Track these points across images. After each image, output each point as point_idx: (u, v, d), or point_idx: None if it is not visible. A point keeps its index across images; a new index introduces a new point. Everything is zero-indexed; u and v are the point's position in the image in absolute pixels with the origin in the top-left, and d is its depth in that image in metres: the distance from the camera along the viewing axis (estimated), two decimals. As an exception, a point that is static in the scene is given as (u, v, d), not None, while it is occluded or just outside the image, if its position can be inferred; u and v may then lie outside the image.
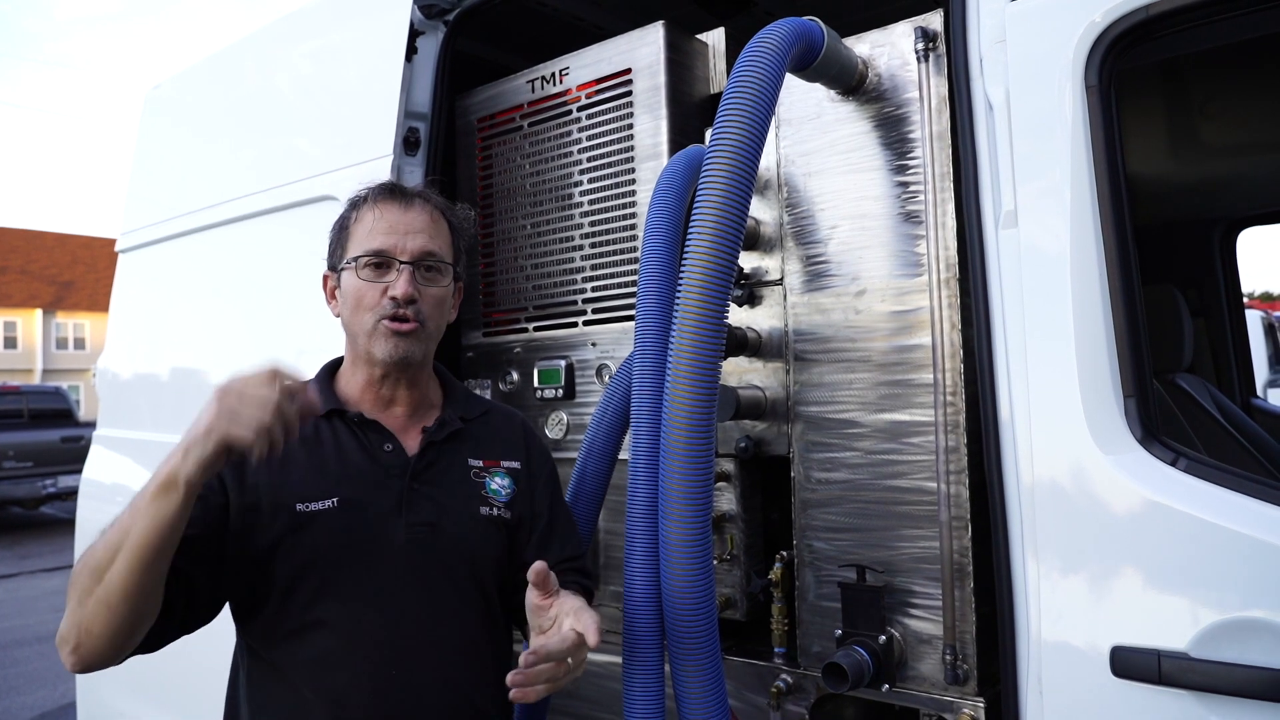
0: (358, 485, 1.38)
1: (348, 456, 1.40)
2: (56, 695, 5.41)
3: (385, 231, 1.41)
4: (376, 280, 1.40)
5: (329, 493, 1.35)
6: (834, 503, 1.67)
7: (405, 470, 1.41)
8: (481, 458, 1.50)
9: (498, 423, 1.58)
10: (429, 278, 1.43)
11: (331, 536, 1.34)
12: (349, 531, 1.35)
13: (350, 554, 1.34)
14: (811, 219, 1.72)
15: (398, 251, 1.41)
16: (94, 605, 1.15)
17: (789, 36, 1.43)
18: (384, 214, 1.43)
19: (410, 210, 1.44)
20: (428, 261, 1.43)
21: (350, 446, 1.41)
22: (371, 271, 1.41)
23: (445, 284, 1.47)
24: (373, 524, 1.36)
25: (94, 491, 3.18)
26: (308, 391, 1.32)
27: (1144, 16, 1.25)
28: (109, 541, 1.15)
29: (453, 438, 1.48)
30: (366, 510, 1.37)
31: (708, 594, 1.41)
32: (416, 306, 1.40)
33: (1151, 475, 1.24)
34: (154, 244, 3.04)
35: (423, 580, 1.38)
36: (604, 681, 2.00)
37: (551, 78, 2.15)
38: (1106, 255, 1.30)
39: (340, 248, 1.47)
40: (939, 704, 1.55)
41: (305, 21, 2.66)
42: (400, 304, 1.38)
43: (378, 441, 1.42)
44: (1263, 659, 1.14)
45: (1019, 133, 1.38)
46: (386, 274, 1.41)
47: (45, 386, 14.31)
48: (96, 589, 1.15)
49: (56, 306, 34.81)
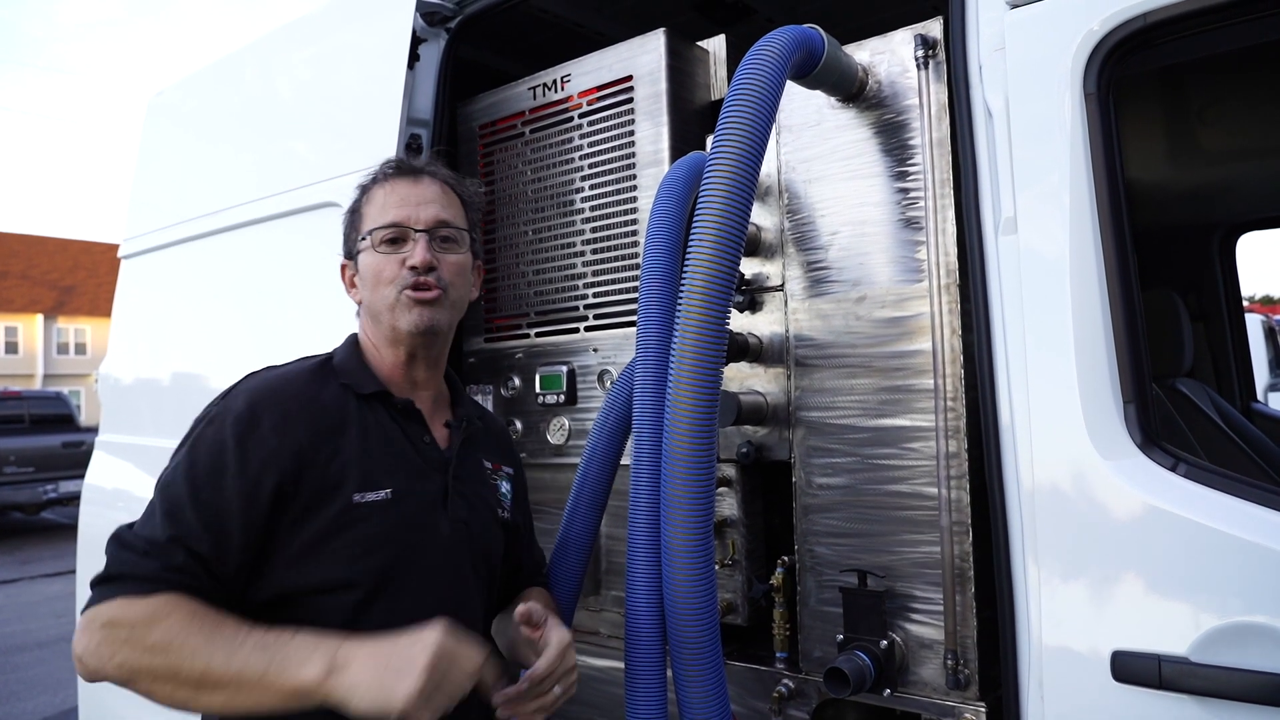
0: (406, 477, 1.37)
1: (395, 446, 1.38)
2: (58, 701, 5.41)
3: (398, 205, 1.41)
4: (394, 253, 1.40)
5: (383, 483, 1.33)
6: (835, 508, 1.67)
7: (445, 466, 1.43)
8: (490, 460, 1.56)
9: (493, 427, 1.64)
10: (446, 246, 1.43)
11: (386, 529, 1.32)
12: (400, 523, 1.33)
13: (403, 549, 1.33)
14: (812, 225, 1.73)
15: (412, 222, 1.41)
16: (162, 689, 1.14)
17: (789, 44, 1.44)
18: (395, 189, 1.43)
19: (420, 183, 1.45)
20: (443, 232, 1.43)
21: (395, 435, 1.39)
22: (388, 245, 1.40)
23: (463, 252, 1.46)
24: (422, 517, 1.37)
25: (97, 497, 3.18)
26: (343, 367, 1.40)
27: (1141, 25, 1.26)
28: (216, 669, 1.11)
29: (471, 437, 1.53)
30: (416, 503, 1.37)
31: (709, 599, 1.41)
32: (437, 274, 1.40)
33: (1151, 480, 1.25)
34: (157, 250, 3.05)
35: (457, 573, 1.41)
36: (606, 687, 2.01)
37: (553, 84, 2.16)
38: (1105, 261, 1.31)
39: (354, 230, 1.47)
40: (940, 709, 1.55)
41: (308, 28, 2.68)
42: (420, 271, 1.38)
43: (417, 432, 1.43)
44: (1263, 663, 1.14)
45: (1018, 140, 1.39)
46: (403, 246, 1.40)
47: (46, 392, 14.31)
48: (173, 688, 1.13)
49: (58, 312, 34.85)
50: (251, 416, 1.28)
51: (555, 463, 2.13)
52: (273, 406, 1.29)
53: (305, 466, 1.27)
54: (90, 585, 1.22)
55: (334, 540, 1.27)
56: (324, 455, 1.29)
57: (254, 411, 1.28)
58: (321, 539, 1.27)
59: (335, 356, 1.46)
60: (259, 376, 1.38)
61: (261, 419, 1.28)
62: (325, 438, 1.30)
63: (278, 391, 1.33)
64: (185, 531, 1.21)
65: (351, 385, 1.39)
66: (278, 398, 1.31)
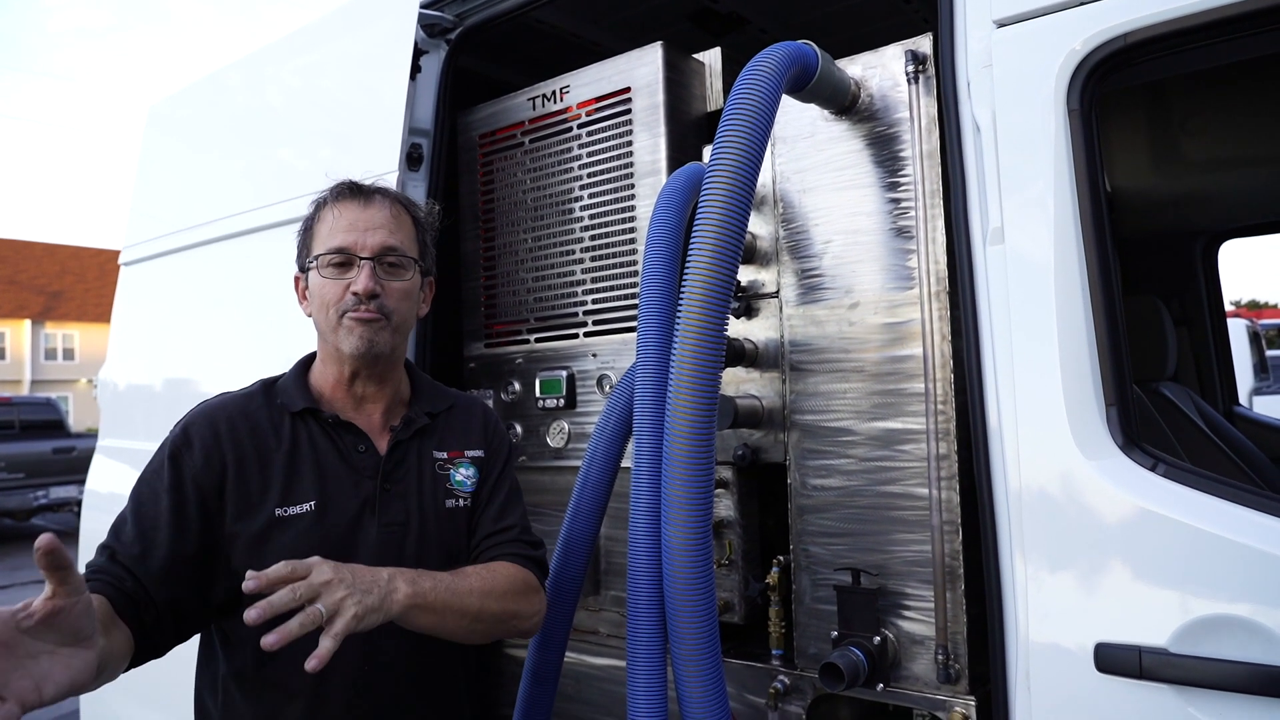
0: (333, 488, 1.43)
1: (323, 459, 1.44)
2: (53, 707, 5.40)
3: (345, 229, 1.44)
4: (339, 278, 1.44)
5: (306, 496, 1.40)
6: (829, 508, 1.72)
7: (376, 471, 1.46)
8: (446, 449, 1.55)
9: (460, 414, 1.61)
10: (391, 272, 1.46)
11: (307, 539, 1.37)
12: (325, 533, 1.39)
13: (325, 555, 1.30)
14: (806, 234, 1.78)
15: (358, 248, 1.44)
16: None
17: (785, 59, 1.49)
18: (343, 212, 1.46)
19: (370, 207, 1.47)
20: (389, 257, 1.46)
21: (325, 448, 1.45)
22: (334, 269, 1.44)
23: (409, 277, 1.49)
24: (348, 525, 1.42)
25: (97, 502, 3.20)
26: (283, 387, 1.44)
27: (1122, 44, 1.32)
28: None
29: (419, 434, 1.53)
30: (341, 513, 1.42)
31: (709, 597, 1.45)
32: (379, 301, 1.43)
33: (1132, 480, 1.30)
34: (157, 257, 3.08)
35: None
36: (607, 685, 2.05)
37: (552, 95, 2.21)
38: (1089, 270, 1.36)
39: (306, 248, 1.51)
40: (932, 703, 1.60)
41: (309, 39, 2.71)
42: (361, 299, 1.41)
43: (351, 443, 1.47)
44: (1238, 654, 1.20)
45: (1005, 152, 1.44)
46: (348, 271, 1.44)
47: (36, 398, 14.23)
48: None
49: (45, 317, 34.61)
50: (185, 440, 1.41)
51: (555, 465, 2.17)
52: (204, 429, 1.41)
53: (229, 482, 1.38)
54: None
55: (262, 548, 1.36)
56: (249, 471, 1.39)
57: (187, 435, 1.41)
58: (251, 548, 1.37)
59: (281, 377, 1.54)
60: (204, 403, 1.49)
61: (193, 441, 1.40)
62: (251, 456, 1.40)
63: (211, 416, 1.44)
64: (119, 543, 1.35)
65: (285, 405, 1.46)
66: (210, 421, 1.43)
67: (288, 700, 1.38)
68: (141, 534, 1.34)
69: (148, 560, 1.32)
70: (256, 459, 1.40)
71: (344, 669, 1.37)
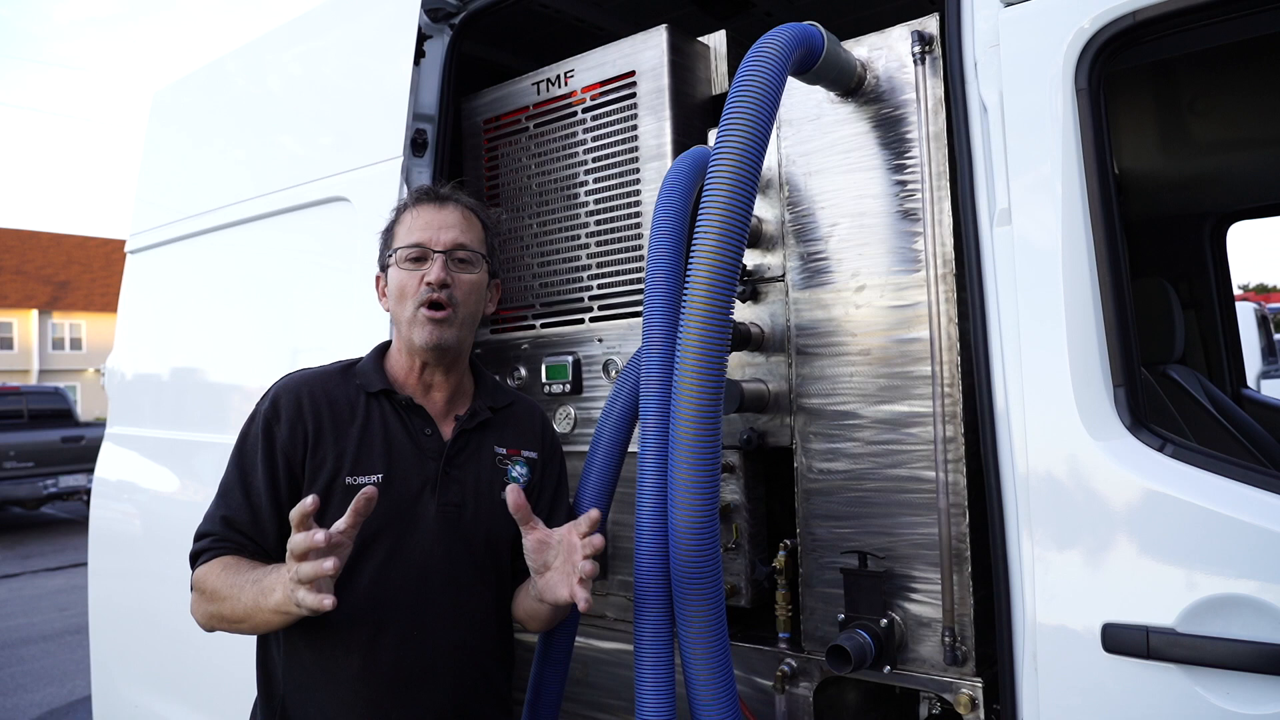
0: (400, 463, 1.55)
1: (393, 437, 1.57)
2: (64, 692, 5.46)
3: (422, 228, 1.59)
4: (415, 270, 1.57)
5: (375, 468, 1.53)
6: (835, 492, 1.72)
7: (440, 454, 1.57)
8: (505, 445, 1.66)
9: (521, 413, 1.74)
10: (462, 267, 1.59)
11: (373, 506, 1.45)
12: (390, 503, 1.50)
13: (388, 523, 1.51)
14: (812, 217, 1.77)
15: (432, 244, 1.58)
16: (223, 625, 1.46)
17: (790, 41, 1.48)
18: (421, 213, 1.61)
19: (444, 209, 1.62)
20: (459, 253, 1.59)
21: (395, 427, 1.58)
22: (411, 264, 1.58)
23: (478, 273, 1.62)
24: (410, 499, 1.54)
25: (106, 490, 3.22)
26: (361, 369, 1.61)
27: (1130, 23, 1.30)
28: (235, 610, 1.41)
29: (482, 426, 1.65)
30: (406, 486, 1.54)
31: (716, 581, 1.46)
32: (449, 291, 1.56)
33: (1140, 461, 1.30)
34: (163, 245, 3.08)
35: (448, 554, 1.54)
36: (615, 669, 2.06)
37: (556, 80, 2.20)
38: (1096, 251, 1.35)
39: (386, 247, 1.65)
40: (939, 685, 1.60)
41: (313, 25, 2.70)
42: (434, 288, 1.54)
43: (419, 425, 1.59)
44: (1245, 633, 1.20)
45: (1012, 133, 1.43)
46: (423, 265, 1.57)
47: (45, 387, 14.30)
48: (227, 625, 1.44)
49: (52, 307, 34.74)
50: (274, 411, 1.56)
51: (563, 450, 2.17)
52: (290, 402, 1.56)
53: (310, 451, 1.52)
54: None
55: (330, 511, 1.46)
56: (326, 440, 1.53)
57: (275, 407, 1.56)
58: (321, 510, 1.44)
59: (360, 360, 1.67)
60: (289, 376, 1.63)
61: (281, 413, 1.55)
62: (329, 426, 1.54)
63: (296, 389, 1.58)
64: (231, 509, 1.52)
65: (363, 385, 1.60)
66: (295, 395, 1.57)
67: (345, 654, 1.49)
68: (248, 500, 1.51)
69: (259, 524, 1.50)
70: (333, 429, 1.54)
71: (394, 630, 1.50)
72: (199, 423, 2.84)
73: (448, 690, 1.53)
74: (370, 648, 1.49)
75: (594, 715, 2.08)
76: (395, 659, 1.50)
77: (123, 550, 3.12)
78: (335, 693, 1.50)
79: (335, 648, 1.50)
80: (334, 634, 1.49)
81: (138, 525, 3.07)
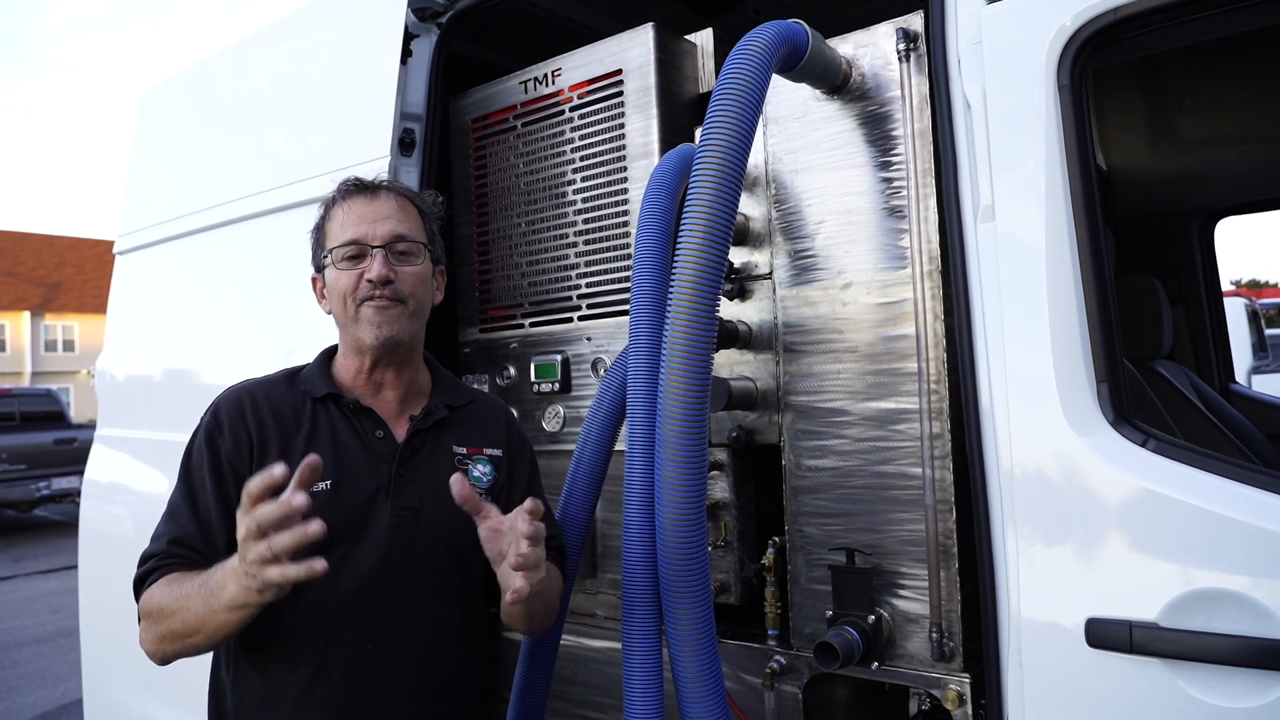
0: (350, 470, 1.48)
1: (341, 441, 1.50)
2: (57, 695, 5.44)
3: (355, 222, 1.51)
4: (353, 268, 1.50)
5: (324, 476, 1.44)
6: (824, 489, 1.73)
7: (393, 457, 1.51)
8: (465, 445, 1.59)
9: (482, 411, 1.67)
10: (403, 259, 1.53)
11: (323, 516, 1.35)
12: (340, 512, 1.43)
13: (339, 534, 1.38)
14: (799, 214, 1.78)
15: (369, 238, 1.50)
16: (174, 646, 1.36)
17: (775, 39, 1.48)
18: (352, 207, 1.53)
19: (376, 200, 1.54)
20: (400, 246, 1.52)
21: (344, 432, 1.51)
22: (348, 262, 1.51)
23: (420, 263, 1.55)
24: (361, 506, 1.47)
25: (96, 491, 3.21)
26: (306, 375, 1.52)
27: (1112, 19, 1.31)
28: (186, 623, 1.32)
29: (438, 425, 1.57)
30: (357, 493, 1.47)
31: (703, 578, 1.46)
32: (394, 286, 1.49)
33: (1123, 456, 1.30)
34: (152, 246, 3.07)
35: (405, 562, 1.47)
36: (603, 666, 2.06)
37: (544, 78, 2.20)
38: (1079, 247, 1.36)
39: (319, 247, 1.57)
40: (926, 680, 1.60)
41: (299, 25, 2.70)
42: (376, 285, 1.48)
43: (370, 428, 1.52)
44: (1228, 627, 1.20)
45: (995, 130, 1.43)
46: (361, 262, 1.50)
47: (37, 389, 14.26)
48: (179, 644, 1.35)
49: (44, 309, 34.60)
50: (216, 423, 1.50)
51: (550, 449, 2.18)
52: (232, 413, 1.50)
53: (256, 461, 1.44)
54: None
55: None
56: (271, 450, 1.46)
57: (217, 418, 1.50)
58: None
59: (305, 367, 1.61)
60: (232, 387, 1.57)
61: (223, 424, 1.49)
62: (274, 436, 1.48)
63: (238, 399, 1.52)
64: (179, 527, 1.45)
65: (308, 391, 1.54)
66: (237, 404, 1.51)
67: (292, 671, 1.43)
68: (195, 515, 1.44)
69: (208, 537, 1.43)
70: (279, 439, 1.47)
71: (345, 646, 1.43)
72: (189, 424, 2.80)
73: (407, 710, 1.46)
74: (319, 664, 1.42)
75: (584, 713, 2.08)
76: (346, 677, 1.42)
77: (113, 552, 3.10)
78: (283, 713, 1.42)
79: (281, 665, 1.43)
80: (280, 651, 1.43)
81: (128, 527, 3.06)
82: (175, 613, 1.32)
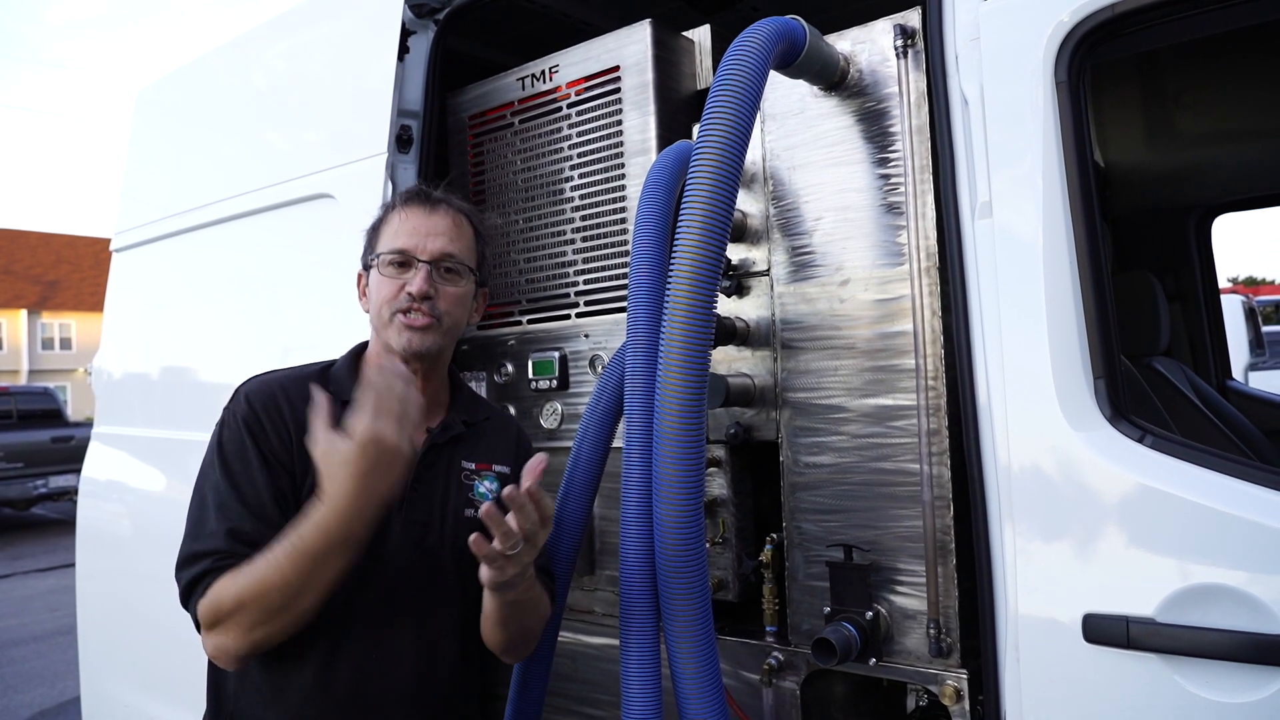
0: None
1: None
2: (55, 693, 5.44)
3: (409, 233, 1.53)
4: (397, 277, 1.51)
5: None
6: (821, 485, 1.73)
7: (408, 469, 1.46)
8: (475, 460, 1.60)
9: (494, 427, 1.69)
10: (447, 278, 1.54)
11: None
12: None
13: None
14: (797, 211, 1.77)
15: (418, 251, 1.51)
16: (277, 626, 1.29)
17: (772, 35, 1.48)
18: (409, 216, 1.54)
19: (434, 214, 1.55)
20: (446, 263, 1.53)
21: None
22: (394, 269, 1.52)
23: (464, 285, 1.56)
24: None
25: (93, 489, 3.21)
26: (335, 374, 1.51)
27: (1109, 15, 1.31)
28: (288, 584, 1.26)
29: (454, 441, 1.59)
30: None
31: (701, 575, 1.46)
32: (432, 303, 1.50)
33: (1120, 452, 1.30)
34: (148, 243, 3.07)
35: (410, 574, 1.48)
36: (601, 663, 2.06)
37: (541, 75, 2.19)
38: (1076, 243, 1.36)
39: (370, 247, 1.59)
40: (924, 676, 1.61)
41: (296, 21, 2.69)
42: (415, 299, 1.48)
43: None
44: (1223, 622, 1.20)
45: (993, 126, 1.43)
46: (406, 272, 1.51)
47: (34, 387, 14.24)
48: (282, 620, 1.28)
49: (41, 307, 34.54)
50: (252, 414, 1.46)
51: (548, 446, 2.17)
52: (267, 404, 1.46)
53: (297, 459, 1.42)
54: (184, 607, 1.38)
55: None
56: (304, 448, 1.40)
57: (251, 408, 1.46)
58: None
59: (334, 364, 1.60)
60: (257, 379, 1.53)
61: (259, 415, 1.45)
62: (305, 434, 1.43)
63: (270, 391, 1.49)
64: (232, 521, 1.37)
65: (337, 393, 1.49)
66: (271, 396, 1.47)
67: (297, 668, 1.42)
68: (246, 506, 1.38)
69: (266, 527, 1.35)
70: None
71: (353, 650, 1.43)
72: (186, 421, 2.82)
73: (412, 715, 1.46)
74: (325, 664, 1.42)
75: (582, 710, 2.08)
76: (352, 681, 1.43)
77: (110, 550, 3.10)
78: (285, 710, 1.42)
79: (287, 661, 1.41)
80: (286, 646, 1.38)
81: (126, 525, 3.06)
82: (267, 589, 1.25)
